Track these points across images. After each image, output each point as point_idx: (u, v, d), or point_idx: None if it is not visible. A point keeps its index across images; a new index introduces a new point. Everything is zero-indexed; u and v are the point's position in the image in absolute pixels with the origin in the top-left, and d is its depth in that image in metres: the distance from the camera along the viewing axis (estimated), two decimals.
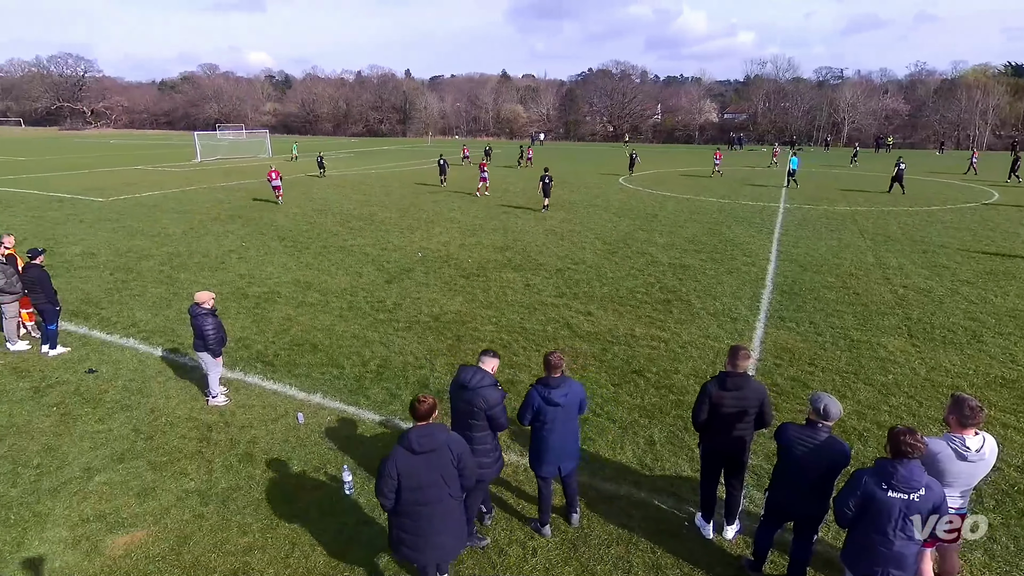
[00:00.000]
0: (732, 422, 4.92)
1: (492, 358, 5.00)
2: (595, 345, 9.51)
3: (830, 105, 77.81)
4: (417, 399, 4.09)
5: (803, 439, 4.33)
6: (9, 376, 8.28)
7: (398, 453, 3.95)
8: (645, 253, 15.57)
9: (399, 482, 3.92)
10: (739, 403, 4.88)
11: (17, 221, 19.50)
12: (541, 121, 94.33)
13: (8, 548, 5.08)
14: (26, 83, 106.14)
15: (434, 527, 4.06)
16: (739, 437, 4.98)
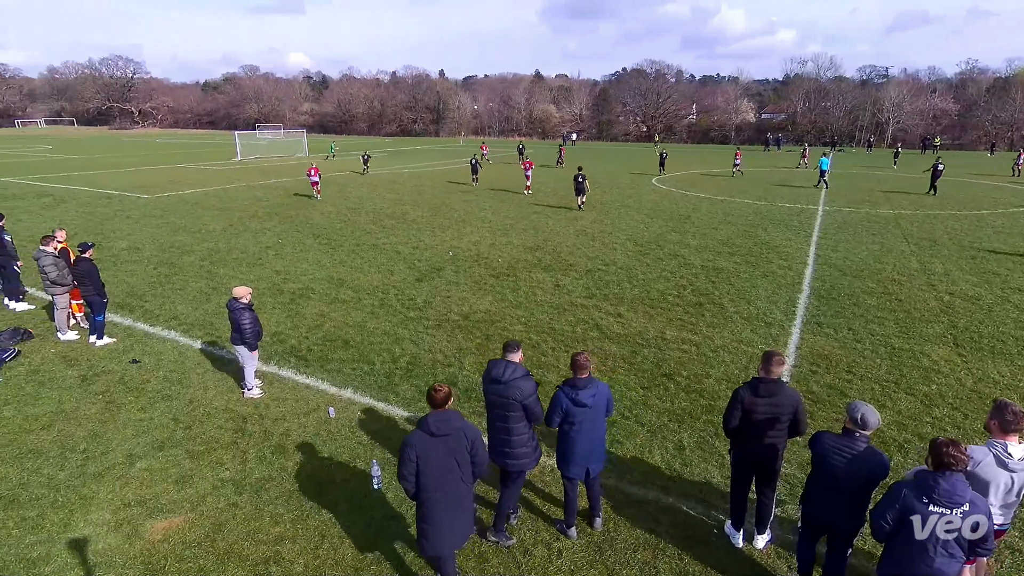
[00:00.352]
0: (764, 429, 4.80)
1: (518, 350, 5.04)
2: (624, 347, 9.42)
3: (874, 105, 75.20)
4: (433, 388, 4.27)
5: (840, 449, 4.19)
6: (59, 364, 8.68)
7: (416, 436, 4.16)
8: (677, 255, 15.35)
9: (417, 466, 4.11)
10: (772, 410, 4.75)
11: (69, 216, 20.41)
12: (574, 121, 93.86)
13: (56, 529, 5.32)
14: (79, 84, 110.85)
15: (448, 514, 4.25)
16: (771, 445, 4.85)
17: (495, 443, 5.02)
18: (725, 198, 25.72)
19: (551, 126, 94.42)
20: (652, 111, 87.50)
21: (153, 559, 4.99)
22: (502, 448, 4.98)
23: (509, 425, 4.88)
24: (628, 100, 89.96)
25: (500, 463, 5.05)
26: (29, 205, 22.78)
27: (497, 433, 4.98)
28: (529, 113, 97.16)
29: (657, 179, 33.28)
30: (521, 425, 4.92)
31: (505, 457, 5.00)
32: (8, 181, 30.59)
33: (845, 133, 75.11)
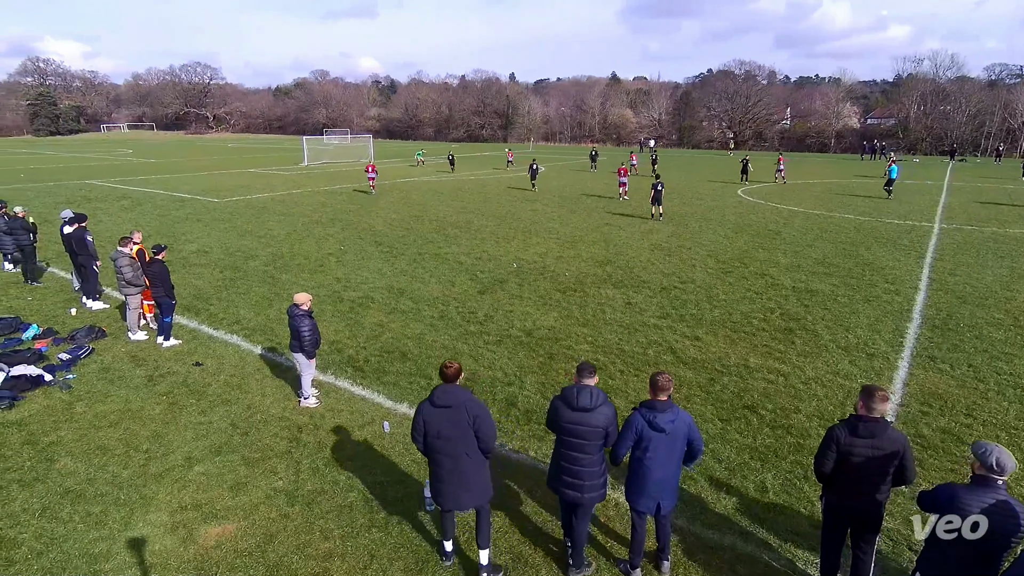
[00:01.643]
0: (864, 475, 4.43)
1: (594, 374, 4.97)
2: (701, 374, 9.12)
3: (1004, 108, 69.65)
4: (445, 363, 4.94)
5: (980, 503, 3.65)
6: (128, 363, 9.40)
7: (423, 405, 4.90)
8: (765, 274, 14.75)
9: (425, 429, 4.83)
10: (874, 453, 4.37)
11: (145, 218, 22.21)
12: (652, 126, 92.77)
13: (118, 526, 5.73)
14: (160, 90, 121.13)
15: (451, 477, 4.87)
16: (871, 494, 4.47)
17: (565, 474, 4.93)
18: (822, 212, 24.53)
19: (627, 132, 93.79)
20: (740, 116, 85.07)
21: (205, 565, 5.27)
22: (574, 480, 4.89)
23: (587, 455, 4.82)
24: (713, 104, 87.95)
25: (570, 497, 4.94)
26: (109, 207, 24.97)
27: (571, 464, 4.88)
28: (603, 118, 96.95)
29: (743, 190, 32.23)
30: (599, 455, 4.88)
31: (578, 490, 4.89)
32: (92, 183, 33.70)
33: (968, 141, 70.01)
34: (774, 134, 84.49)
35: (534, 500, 6.14)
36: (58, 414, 7.80)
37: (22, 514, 5.88)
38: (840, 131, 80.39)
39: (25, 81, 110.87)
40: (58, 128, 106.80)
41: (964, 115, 71.71)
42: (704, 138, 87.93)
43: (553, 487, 5.10)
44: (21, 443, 7.11)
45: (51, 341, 10.16)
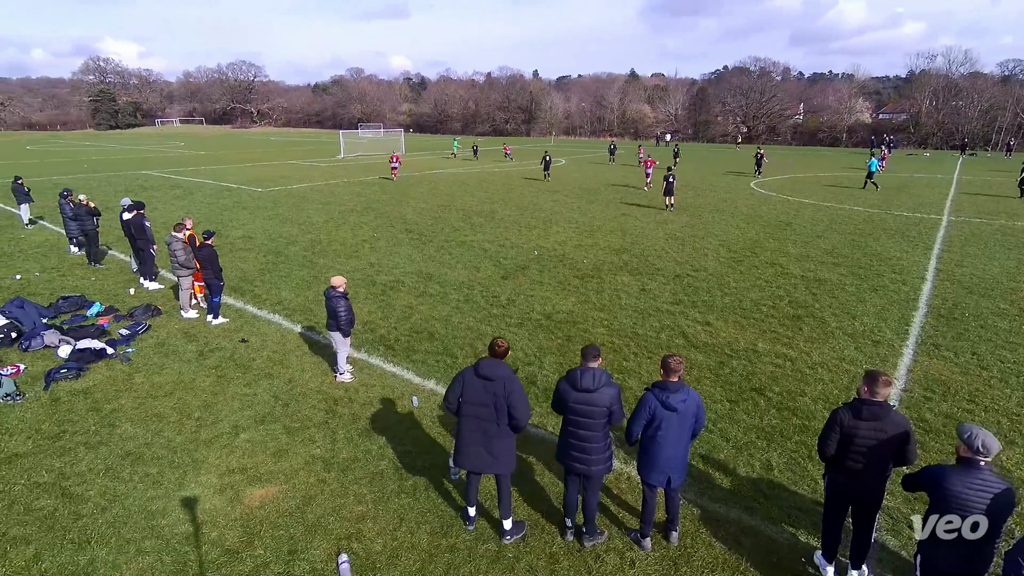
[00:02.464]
0: (866, 457, 4.38)
1: (599, 356, 4.99)
2: (712, 357, 9.03)
3: (1017, 103, 66.81)
4: (496, 341, 5.06)
5: (970, 483, 3.68)
6: (181, 339, 9.65)
7: (467, 371, 5.04)
8: (775, 263, 14.49)
9: (462, 393, 4.98)
10: (876, 435, 4.31)
11: (195, 206, 22.62)
12: (668, 121, 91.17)
13: (172, 487, 5.92)
14: (209, 87, 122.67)
15: (475, 438, 5.01)
16: (873, 474, 4.42)
17: (573, 450, 4.98)
18: (832, 204, 23.93)
19: (644, 126, 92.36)
20: (754, 111, 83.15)
21: (250, 524, 5.42)
22: (582, 455, 4.95)
23: (593, 432, 4.88)
24: (728, 99, 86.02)
25: (580, 470, 5.01)
26: (163, 196, 25.48)
27: (579, 440, 4.93)
28: (622, 113, 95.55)
29: (755, 183, 31.57)
30: (604, 432, 4.93)
31: (586, 464, 4.96)
32: (148, 174, 34.40)
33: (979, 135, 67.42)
34: (787, 129, 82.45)
35: (551, 472, 6.18)
36: (119, 384, 8.05)
37: (88, 473, 6.11)
38: (852, 126, 78.06)
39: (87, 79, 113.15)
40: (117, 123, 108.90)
41: (976, 110, 68.98)
42: (719, 132, 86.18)
43: (562, 461, 5.15)
44: (86, 410, 7.37)
45: (112, 318, 10.47)
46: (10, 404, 7.43)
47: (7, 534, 5.24)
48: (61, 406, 7.44)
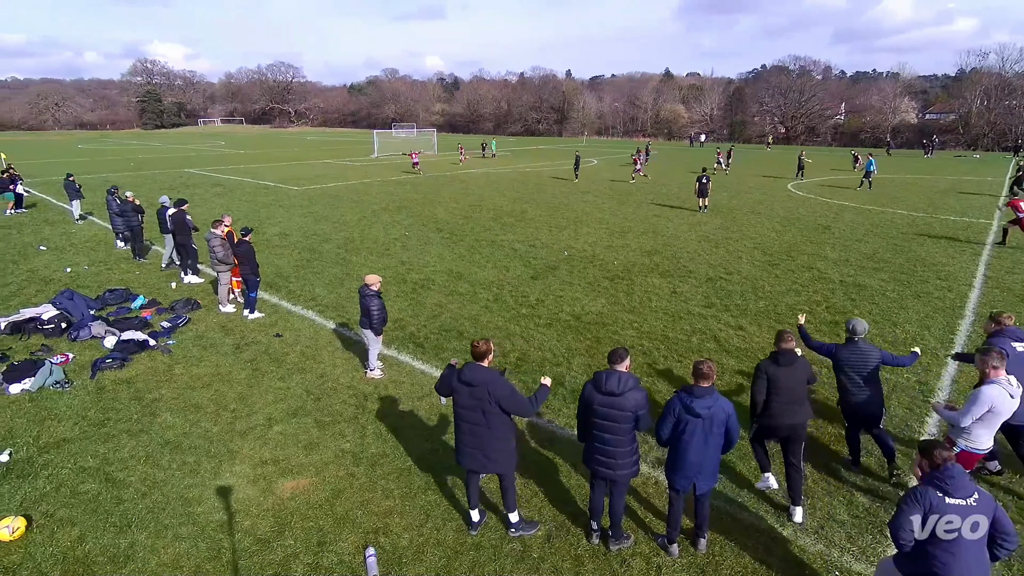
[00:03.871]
0: (790, 400, 5.43)
1: (625, 358, 4.89)
2: (744, 362, 8.85)
3: None
4: (475, 343, 5.02)
5: (853, 351, 6.00)
6: (219, 332, 9.94)
7: (452, 377, 5.06)
8: (812, 268, 14.10)
9: (452, 398, 5.06)
10: (795, 377, 5.47)
11: (235, 204, 23.28)
12: (703, 122, 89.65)
13: (208, 475, 6.11)
14: (249, 88, 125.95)
15: (472, 442, 5.04)
16: (799, 413, 5.49)
17: (599, 454, 4.91)
18: (874, 207, 23.17)
19: (678, 127, 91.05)
20: (793, 111, 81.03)
21: (282, 514, 5.55)
22: (607, 459, 4.88)
23: (618, 437, 4.80)
24: (766, 99, 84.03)
25: (605, 474, 4.94)
26: (204, 193, 26.29)
27: (604, 444, 4.85)
28: (656, 113, 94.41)
29: (793, 184, 30.79)
30: (630, 436, 4.86)
31: (611, 468, 4.89)
32: (191, 172, 35.55)
33: None
34: (827, 129, 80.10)
35: (577, 474, 6.15)
36: (160, 375, 8.35)
37: (130, 460, 6.35)
38: (897, 126, 75.28)
39: (135, 80, 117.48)
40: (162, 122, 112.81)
41: None
42: (755, 133, 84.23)
43: (588, 464, 5.10)
44: (129, 398, 7.66)
45: (155, 310, 10.85)
46: (59, 391, 7.78)
47: (54, 515, 5.49)
48: (106, 394, 7.75)
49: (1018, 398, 4.91)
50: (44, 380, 7.86)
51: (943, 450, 3.70)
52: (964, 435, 5.07)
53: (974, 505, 3.53)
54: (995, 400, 4.83)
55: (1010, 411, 4.91)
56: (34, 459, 6.35)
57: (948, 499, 3.52)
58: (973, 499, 3.54)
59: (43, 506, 5.61)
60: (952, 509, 3.51)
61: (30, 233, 17.71)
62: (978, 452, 5.09)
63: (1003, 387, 4.86)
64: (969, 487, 3.58)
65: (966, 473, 3.71)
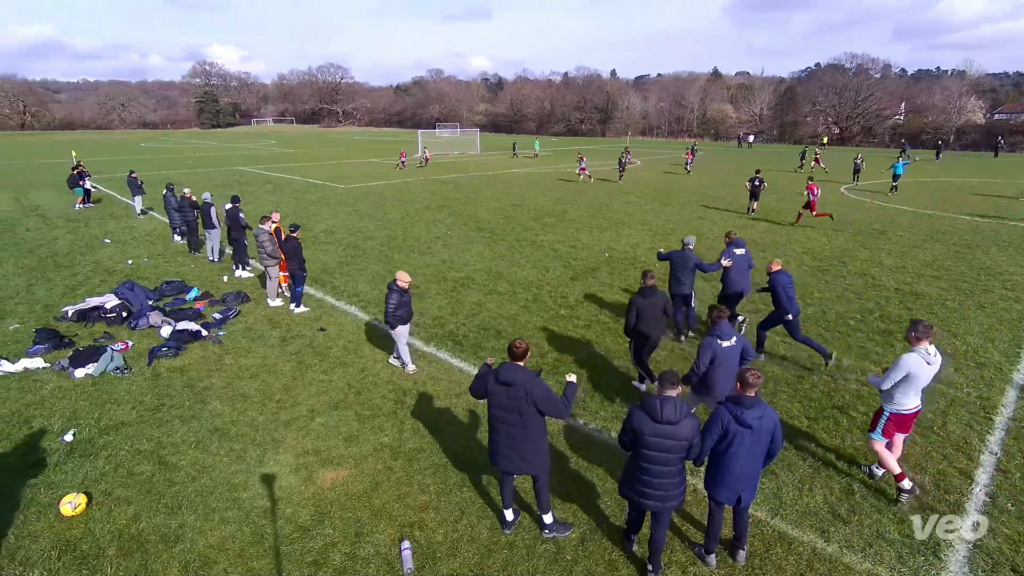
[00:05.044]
0: (652, 321, 7.45)
1: (679, 384, 4.55)
2: (790, 371, 8.56)
3: None
4: (514, 343, 4.96)
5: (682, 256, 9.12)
6: (267, 325, 10.28)
7: (488, 377, 5.01)
8: (865, 274, 13.53)
9: (488, 398, 5.02)
10: (656, 304, 7.47)
11: (284, 201, 24.04)
12: (752, 122, 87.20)
13: (253, 462, 6.33)
14: (299, 88, 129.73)
15: (507, 443, 5.00)
16: (658, 330, 7.62)
17: (645, 485, 4.59)
18: (935, 212, 22.04)
19: (726, 127, 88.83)
20: (848, 111, 77.85)
21: (321, 504, 5.70)
22: (655, 491, 4.58)
23: (669, 467, 4.53)
24: (819, 98, 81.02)
25: (650, 506, 4.63)
26: (256, 190, 27.24)
27: (652, 476, 4.55)
28: (702, 113, 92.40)
29: (847, 187, 29.59)
30: (680, 466, 4.59)
31: (659, 500, 4.60)
32: (243, 170, 36.90)
33: None
34: (884, 130, 76.60)
35: (613, 479, 6.08)
36: (211, 364, 8.70)
37: (181, 445, 6.65)
38: (961, 127, 71.38)
39: (194, 82, 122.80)
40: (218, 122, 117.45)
41: None
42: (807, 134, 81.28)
43: (628, 495, 4.76)
44: (182, 386, 8.02)
45: (208, 302, 11.32)
46: (119, 377, 8.21)
47: (112, 494, 5.80)
48: (161, 381, 8.14)
49: (936, 364, 5.52)
50: (106, 366, 8.31)
51: (718, 313, 6.23)
52: (888, 399, 5.73)
53: (735, 344, 6.15)
54: (912, 366, 5.45)
55: (929, 376, 5.56)
56: (95, 440, 6.72)
57: (722, 342, 6.06)
58: (733, 340, 6.14)
59: (102, 485, 5.94)
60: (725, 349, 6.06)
61: (96, 226, 18.76)
62: (905, 413, 5.69)
63: (921, 355, 5.47)
64: (730, 332, 6.17)
65: (731, 325, 6.26)
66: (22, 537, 5.24)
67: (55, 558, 5.00)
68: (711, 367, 6.16)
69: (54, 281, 12.71)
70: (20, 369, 8.33)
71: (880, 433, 5.81)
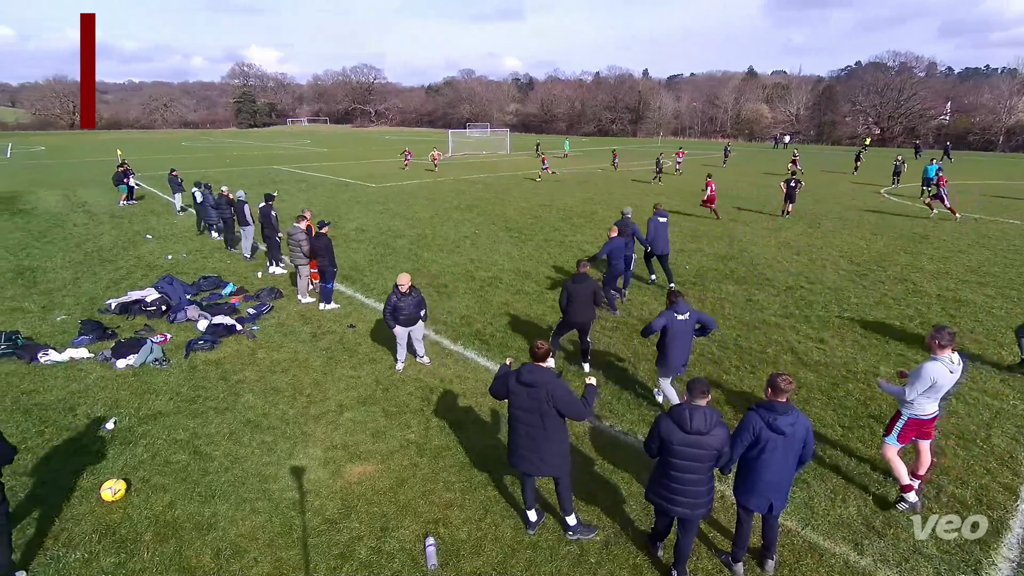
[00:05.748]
0: (583, 304, 8.10)
1: (709, 393, 4.46)
2: (824, 378, 8.34)
3: None
4: (536, 344, 5.00)
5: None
6: (298, 321, 10.50)
7: (511, 377, 5.03)
8: (906, 279, 13.08)
9: (508, 399, 5.03)
10: (587, 290, 8.06)
11: (317, 199, 24.50)
12: (788, 122, 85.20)
13: (283, 455, 6.48)
14: (334, 89, 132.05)
15: (527, 444, 5.02)
16: (588, 314, 8.24)
17: (674, 493, 4.52)
18: (981, 216, 21.18)
19: (760, 127, 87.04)
20: (890, 110, 75.40)
21: (348, 498, 5.80)
22: (682, 499, 4.51)
23: (698, 476, 4.46)
24: (859, 98, 78.67)
25: (678, 513, 4.56)
26: (290, 188, 27.83)
27: (681, 484, 4.48)
28: (736, 113, 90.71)
29: (886, 190, 28.67)
30: (709, 475, 4.52)
31: (688, 507, 4.53)
32: (279, 169, 37.75)
33: None
34: (928, 130, 73.90)
35: (638, 483, 6.02)
36: (245, 358, 8.93)
37: (215, 435, 6.84)
38: (1012, 127, 68.43)
39: (233, 83, 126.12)
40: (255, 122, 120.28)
41: None
42: (846, 134, 79.11)
43: (656, 501, 4.69)
44: (217, 378, 8.25)
45: (243, 297, 11.62)
46: (158, 368, 8.50)
47: (149, 481, 6.00)
48: (197, 373, 8.39)
49: (958, 372, 5.41)
50: (145, 357, 8.61)
51: (675, 293, 7.07)
52: (908, 405, 5.58)
53: (688, 318, 6.96)
54: (936, 375, 5.30)
55: (950, 384, 5.41)
56: (134, 428, 6.97)
57: (678, 315, 7.00)
58: (687, 315, 6.95)
59: (140, 472, 6.15)
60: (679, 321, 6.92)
61: (139, 222, 19.44)
62: (924, 418, 5.56)
63: (944, 364, 5.33)
64: (685, 309, 6.96)
65: (686, 303, 7.01)
66: (66, 519, 5.47)
67: (95, 541, 5.20)
68: (666, 337, 6.94)
69: (99, 275, 13.22)
70: (66, 359, 8.69)
71: (895, 438, 5.69)
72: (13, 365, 8.51)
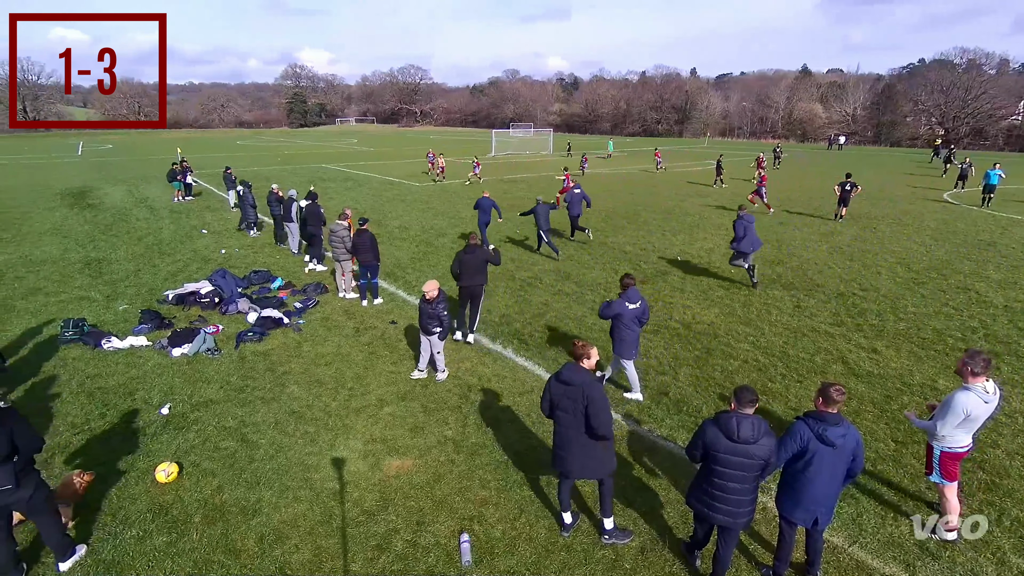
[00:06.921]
0: (473, 273, 8.99)
1: (756, 402, 4.36)
2: (876, 389, 7.98)
3: None
4: (575, 343, 5.02)
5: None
6: (342, 316, 10.76)
7: (551, 378, 5.05)
8: (969, 288, 12.38)
9: (550, 400, 5.03)
10: (474, 259, 9.08)
11: (363, 197, 25.05)
12: (844, 122, 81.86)
13: (326, 446, 6.65)
14: (381, 89, 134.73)
15: (569, 446, 5.00)
16: (476, 278, 9.11)
17: (717, 500, 4.42)
18: None
19: (814, 127, 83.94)
20: (955, 111, 71.44)
21: (386, 491, 5.90)
22: (725, 507, 4.40)
23: (744, 485, 4.34)
24: (922, 97, 74.85)
25: (720, 521, 4.46)
26: (337, 187, 28.55)
27: (725, 493, 4.38)
28: (788, 113, 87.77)
29: (950, 193, 27.19)
30: (754, 484, 4.39)
31: (730, 516, 4.42)
32: (326, 167, 38.79)
33: None
34: (998, 131, 69.66)
35: (677, 490, 5.91)
36: (291, 350, 9.21)
37: (262, 424, 7.08)
38: None
39: (285, 84, 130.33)
40: (306, 121, 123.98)
41: None
42: (906, 135, 75.46)
43: (696, 508, 4.61)
44: (264, 369, 8.54)
45: (290, 292, 11.99)
46: (210, 358, 8.87)
47: (200, 466, 6.27)
48: (246, 364, 8.70)
49: (993, 403, 4.90)
50: (199, 347, 8.99)
51: (628, 279, 7.58)
52: (939, 439, 5.12)
53: (638, 307, 7.40)
54: (969, 408, 4.84)
55: (985, 415, 4.94)
56: (187, 415, 7.29)
57: (629, 305, 7.39)
58: (638, 304, 7.39)
59: (192, 457, 6.43)
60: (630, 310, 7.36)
61: (195, 218, 20.33)
62: (959, 451, 5.10)
63: (978, 394, 4.84)
64: (636, 297, 7.41)
65: (637, 291, 7.51)
66: (123, 498, 5.77)
67: (150, 520, 5.47)
68: (618, 324, 7.36)
69: (158, 267, 13.89)
70: (127, 346, 9.17)
71: (940, 475, 5.18)
72: (79, 350, 9.04)
